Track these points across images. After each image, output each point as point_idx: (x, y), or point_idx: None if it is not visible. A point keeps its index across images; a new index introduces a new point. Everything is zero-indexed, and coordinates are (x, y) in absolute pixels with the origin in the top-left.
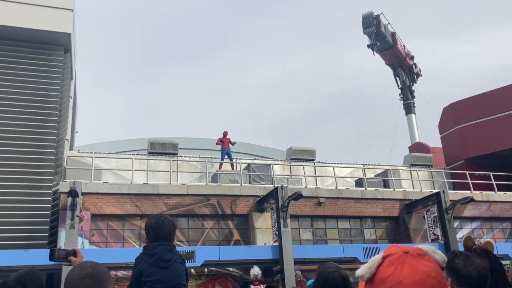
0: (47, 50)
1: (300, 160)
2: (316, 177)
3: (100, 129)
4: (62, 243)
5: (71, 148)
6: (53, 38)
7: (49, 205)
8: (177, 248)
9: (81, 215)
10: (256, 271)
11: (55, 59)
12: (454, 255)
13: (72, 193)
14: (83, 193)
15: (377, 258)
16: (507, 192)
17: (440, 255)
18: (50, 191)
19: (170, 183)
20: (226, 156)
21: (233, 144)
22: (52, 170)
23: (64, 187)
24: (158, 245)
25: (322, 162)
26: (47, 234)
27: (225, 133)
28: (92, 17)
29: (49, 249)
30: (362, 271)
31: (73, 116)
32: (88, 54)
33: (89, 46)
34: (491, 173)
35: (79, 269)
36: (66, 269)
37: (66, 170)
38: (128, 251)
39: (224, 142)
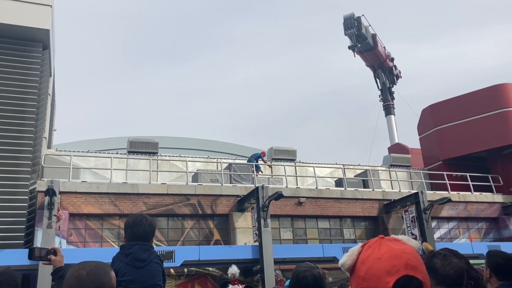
0: (24, 47)
1: (281, 160)
2: (296, 177)
3: (79, 128)
4: (38, 243)
5: (49, 146)
6: (31, 34)
7: (26, 204)
8: (157, 248)
9: (58, 215)
10: (234, 270)
11: (33, 56)
12: (432, 254)
13: (50, 192)
14: (61, 192)
15: (356, 247)
16: (483, 193)
17: (414, 242)
18: (27, 189)
19: (149, 183)
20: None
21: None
22: (29, 169)
23: (41, 185)
24: (134, 244)
25: (302, 162)
26: (23, 234)
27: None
28: (72, 14)
29: (27, 249)
30: (343, 259)
31: (51, 113)
32: (68, 52)
33: (70, 44)
34: (467, 174)
35: (75, 270)
36: (42, 269)
37: (44, 168)
38: (107, 251)
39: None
